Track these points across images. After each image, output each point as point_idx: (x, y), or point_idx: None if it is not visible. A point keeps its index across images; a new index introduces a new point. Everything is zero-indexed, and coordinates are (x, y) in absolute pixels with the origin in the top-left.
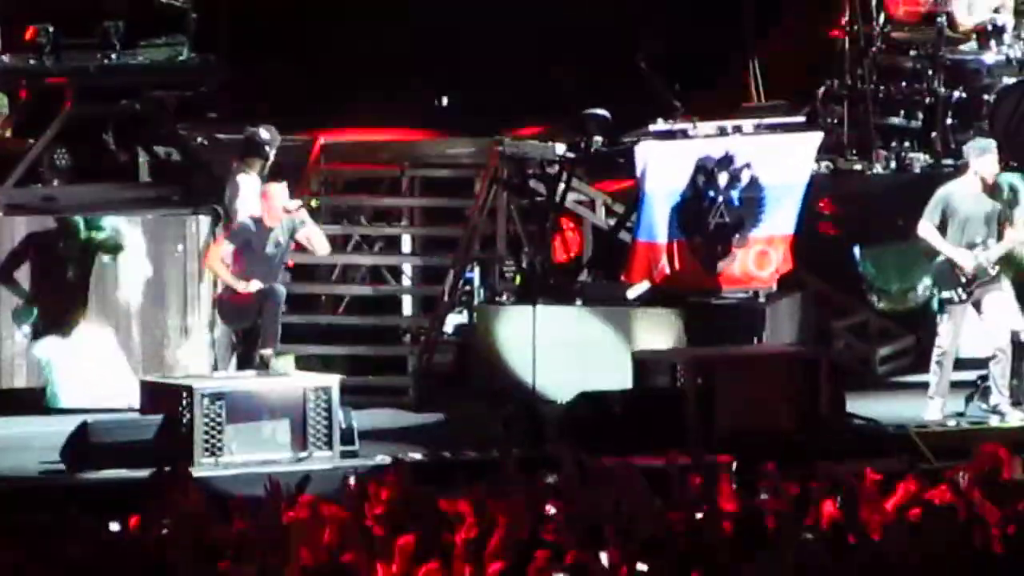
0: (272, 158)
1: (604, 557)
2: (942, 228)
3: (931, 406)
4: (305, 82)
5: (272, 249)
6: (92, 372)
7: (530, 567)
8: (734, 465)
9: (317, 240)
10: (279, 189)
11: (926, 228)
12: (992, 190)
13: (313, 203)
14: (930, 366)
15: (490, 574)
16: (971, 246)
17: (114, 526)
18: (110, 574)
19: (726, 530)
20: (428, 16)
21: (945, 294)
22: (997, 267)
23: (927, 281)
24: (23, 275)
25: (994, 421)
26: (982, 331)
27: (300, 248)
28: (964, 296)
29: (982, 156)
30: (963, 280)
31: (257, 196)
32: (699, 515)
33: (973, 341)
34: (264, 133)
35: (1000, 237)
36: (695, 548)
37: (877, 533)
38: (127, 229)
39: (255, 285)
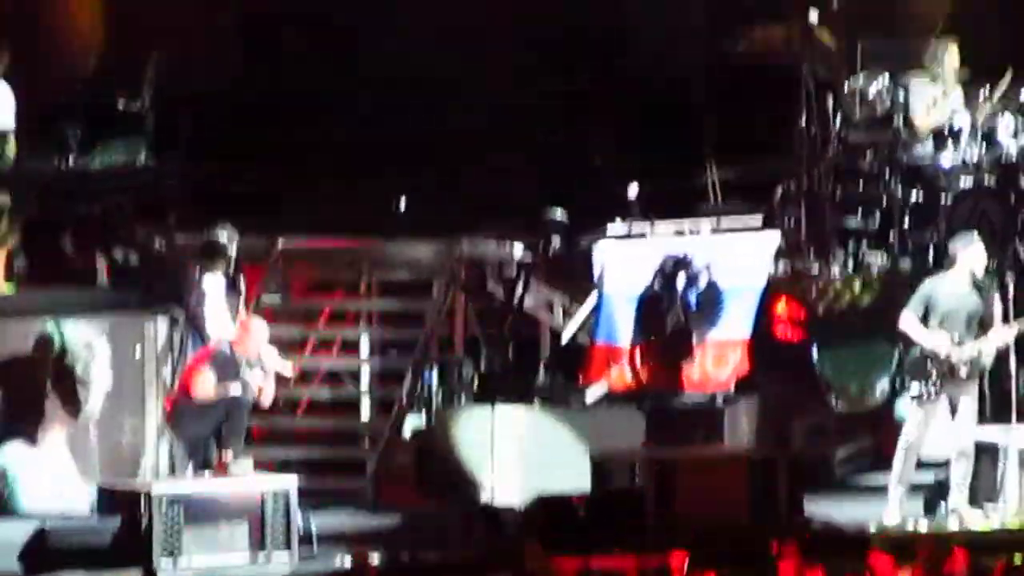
0: (234, 258)
1: None
2: (923, 322)
3: (891, 499)
4: (264, 185)
5: (237, 376)
6: (52, 476)
7: None
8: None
9: (267, 391)
10: (260, 328)
11: (908, 319)
12: (979, 288)
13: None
14: (895, 455)
15: None
16: None
17: None
18: None
19: None
20: (388, 120)
21: (916, 389)
22: (969, 366)
23: (886, 381)
24: None
25: (953, 523)
26: (943, 432)
27: None
28: (934, 393)
29: (969, 247)
30: (935, 376)
31: (223, 297)
32: None
33: (933, 442)
34: (223, 234)
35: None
36: None
37: None
38: (86, 332)
39: (235, 389)
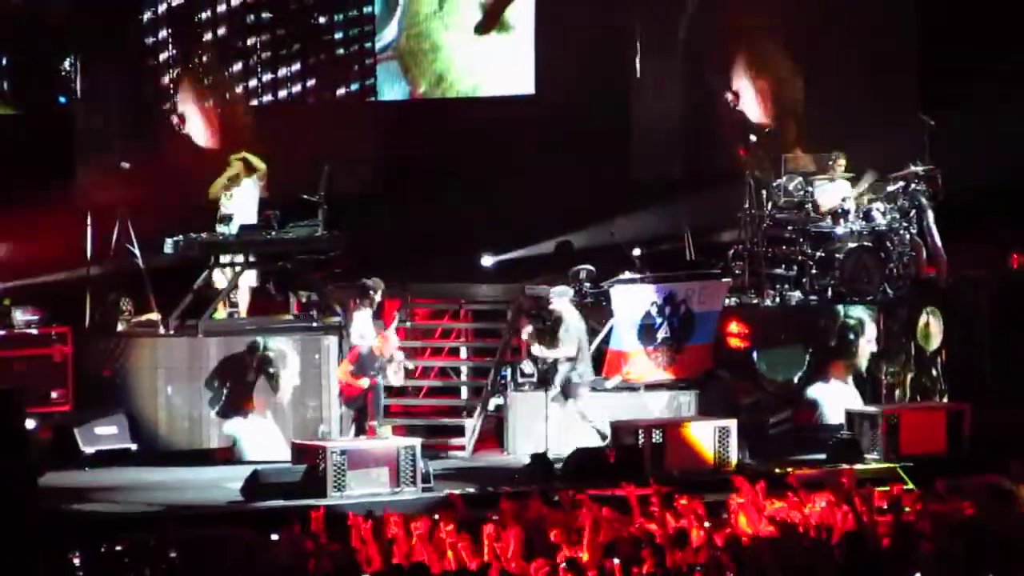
0: (379, 298)
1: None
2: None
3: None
4: (396, 248)
5: (375, 368)
6: (262, 437)
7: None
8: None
9: (399, 376)
10: (394, 339)
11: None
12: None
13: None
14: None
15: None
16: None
17: (274, 536)
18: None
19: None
20: (476, 202)
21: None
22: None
23: (800, 374)
24: (214, 374)
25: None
26: (835, 402)
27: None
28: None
29: (563, 298)
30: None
31: (369, 323)
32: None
33: (834, 410)
34: (373, 282)
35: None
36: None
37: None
38: (283, 345)
39: (364, 382)
